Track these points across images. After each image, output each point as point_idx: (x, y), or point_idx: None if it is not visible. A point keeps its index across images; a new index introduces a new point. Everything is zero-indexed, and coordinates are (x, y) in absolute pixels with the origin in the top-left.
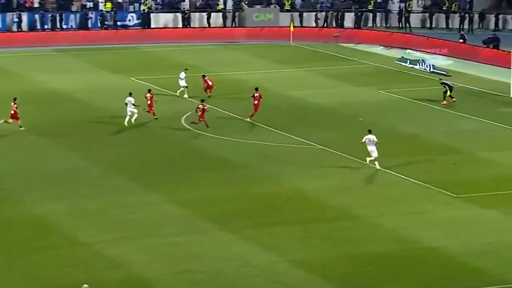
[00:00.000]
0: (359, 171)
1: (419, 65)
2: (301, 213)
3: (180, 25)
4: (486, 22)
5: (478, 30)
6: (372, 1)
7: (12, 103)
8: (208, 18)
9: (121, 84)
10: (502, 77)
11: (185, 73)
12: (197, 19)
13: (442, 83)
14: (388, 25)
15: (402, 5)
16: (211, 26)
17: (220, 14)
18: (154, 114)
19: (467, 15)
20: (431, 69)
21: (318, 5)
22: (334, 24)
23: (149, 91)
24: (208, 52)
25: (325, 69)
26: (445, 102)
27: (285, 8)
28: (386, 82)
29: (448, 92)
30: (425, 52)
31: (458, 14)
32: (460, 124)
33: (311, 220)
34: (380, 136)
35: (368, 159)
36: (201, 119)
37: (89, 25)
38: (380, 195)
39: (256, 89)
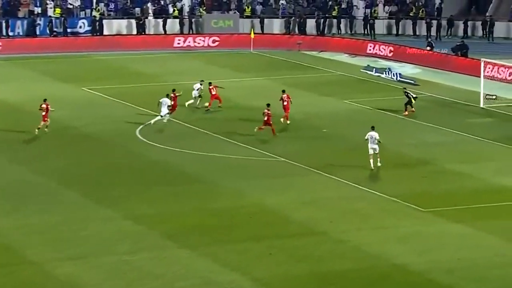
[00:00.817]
0: (324, 184)
1: (386, 73)
2: (264, 228)
3: (135, 31)
4: (455, 28)
5: (446, 37)
6: (336, 7)
7: (44, 104)
8: (164, 24)
9: (72, 94)
10: (472, 86)
11: (200, 84)
12: (152, 25)
13: (405, 92)
14: (353, 32)
15: (368, 11)
16: (167, 33)
17: (177, 20)
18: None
19: (434, 21)
20: (398, 78)
21: (280, 11)
22: (296, 31)
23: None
24: (164, 60)
25: (288, 78)
26: (406, 113)
27: (245, 14)
28: (351, 92)
29: (409, 100)
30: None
31: (425, 21)
32: (428, 135)
33: (274, 236)
34: (346, 148)
35: (374, 163)
36: (267, 124)
37: (37, 32)
38: (345, 210)
39: (283, 91)
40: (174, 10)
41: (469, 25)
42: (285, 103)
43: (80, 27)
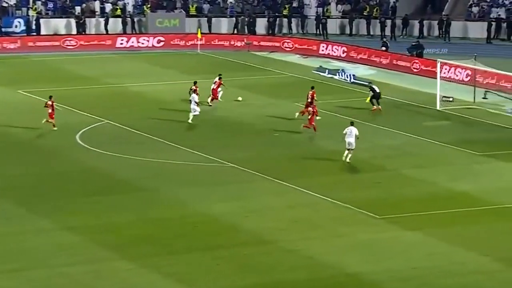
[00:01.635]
0: (274, 191)
1: (339, 75)
2: (210, 238)
3: (74, 31)
4: (410, 28)
5: (401, 37)
6: (287, 6)
7: (50, 101)
8: (106, 24)
9: (7, 98)
10: (428, 87)
11: (219, 79)
12: (93, 25)
13: (371, 87)
14: (304, 31)
15: (320, 10)
16: (109, 32)
17: (119, 19)
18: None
19: (389, 21)
20: (352, 80)
21: (228, 10)
22: (245, 31)
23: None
24: (105, 61)
25: (237, 80)
26: (374, 107)
27: (192, 13)
28: (303, 94)
29: (368, 98)
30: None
31: (379, 20)
32: (383, 139)
33: (221, 246)
34: (297, 153)
35: (346, 158)
36: (312, 123)
37: None
38: (296, 217)
39: (312, 88)
40: (116, 9)
41: (425, 25)
42: (309, 100)
43: (16, 26)
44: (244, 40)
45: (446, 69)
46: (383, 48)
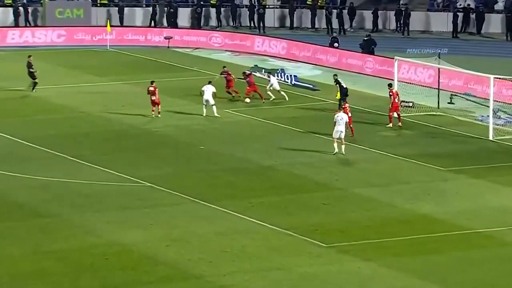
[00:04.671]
0: (200, 215)
1: (278, 76)
2: (122, 273)
3: None
4: (361, 20)
5: (351, 30)
6: None
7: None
8: None
9: None
10: (383, 90)
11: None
12: None
13: (336, 80)
14: (236, 24)
15: None
16: None
17: (10, 9)
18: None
19: (335, 11)
20: (293, 82)
21: None
22: (165, 23)
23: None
24: None
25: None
26: (346, 105)
27: (100, 2)
28: (232, 98)
29: (338, 95)
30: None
31: (326, 11)
32: (330, 151)
33: (137, 282)
34: (229, 168)
35: (340, 150)
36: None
37: None
38: (226, 247)
39: (390, 85)
40: None
41: (380, 16)
42: (395, 99)
43: None
44: (163, 34)
45: (404, 68)
46: (336, 45)
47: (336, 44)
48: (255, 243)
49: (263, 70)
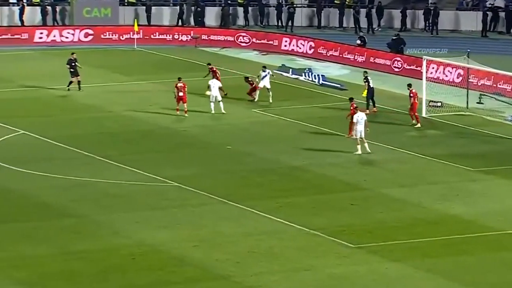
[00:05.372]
0: (227, 215)
1: (305, 75)
2: (150, 273)
3: None
4: (390, 19)
5: (379, 29)
6: None
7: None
8: (21, 13)
9: None
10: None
11: (264, 71)
12: (5, 15)
13: (366, 78)
14: (264, 23)
15: None
16: (26, 24)
17: (38, 8)
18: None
19: (364, 10)
20: (321, 81)
21: None
22: (192, 23)
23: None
24: (21, 59)
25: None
26: (367, 111)
27: (127, 1)
28: (262, 98)
29: (365, 92)
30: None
31: (353, 10)
32: (358, 152)
33: (164, 283)
34: (257, 169)
35: (365, 149)
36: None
37: None
38: (253, 248)
39: (410, 85)
40: None
41: (408, 15)
42: (414, 99)
43: None
44: (190, 33)
45: (433, 68)
46: (358, 42)
47: (358, 42)
48: (283, 243)
49: (291, 70)
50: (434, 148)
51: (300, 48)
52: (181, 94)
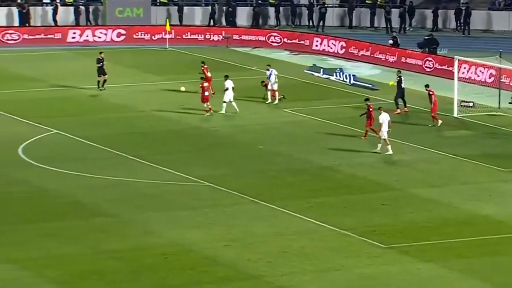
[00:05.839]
0: (258, 215)
1: (336, 75)
2: (182, 273)
3: (16, 23)
4: (422, 19)
5: (410, 29)
6: None
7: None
8: (54, 13)
9: None
10: (443, 90)
11: (268, 70)
12: (39, 15)
13: (399, 78)
14: (295, 23)
15: None
16: (59, 24)
17: (71, 8)
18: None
19: (396, 10)
20: (352, 81)
21: None
22: (224, 23)
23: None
24: (54, 59)
25: (214, 82)
26: (406, 109)
27: (160, 1)
28: (293, 98)
29: (392, 82)
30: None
31: (384, 9)
32: (389, 152)
33: (196, 282)
34: (288, 168)
35: (381, 150)
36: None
37: None
38: (285, 248)
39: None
40: None
41: (440, 15)
42: (433, 97)
43: None
44: (222, 33)
45: (465, 68)
46: (391, 42)
47: (390, 42)
48: (314, 243)
49: (322, 70)
50: (465, 148)
51: (331, 48)
52: (206, 93)
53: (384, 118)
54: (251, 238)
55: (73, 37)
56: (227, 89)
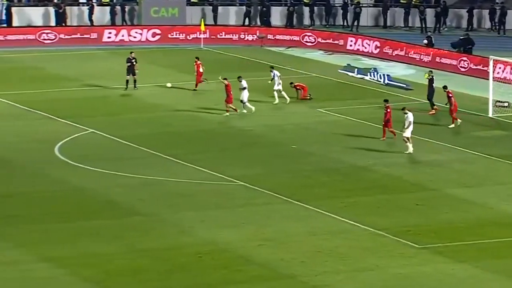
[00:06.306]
0: (292, 215)
1: (370, 75)
2: (215, 272)
3: (53, 22)
4: (458, 19)
5: (445, 29)
6: None
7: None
8: (91, 13)
9: None
10: (478, 90)
11: (271, 72)
12: (75, 14)
13: (431, 77)
14: (329, 23)
15: None
16: (95, 24)
17: (107, 8)
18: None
19: (431, 10)
20: (386, 81)
21: None
22: (258, 22)
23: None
24: (90, 58)
25: (247, 81)
26: (433, 111)
27: (194, 0)
28: (327, 98)
29: (427, 75)
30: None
31: (419, 9)
32: (424, 152)
33: (229, 282)
34: (322, 168)
35: (410, 149)
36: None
37: None
38: (319, 247)
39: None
40: None
41: (475, 15)
42: (452, 98)
43: None
44: (256, 33)
45: (500, 68)
46: (425, 42)
47: (425, 41)
48: (348, 243)
49: (356, 70)
50: (500, 149)
51: (365, 47)
52: (231, 95)
53: (408, 117)
54: (285, 237)
55: (109, 37)
56: (244, 88)
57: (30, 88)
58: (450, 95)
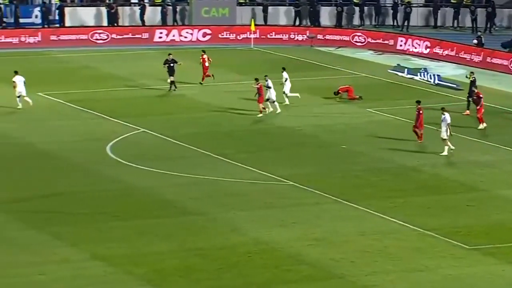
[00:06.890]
0: (341, 215)
1: (420, 75)
2: (265, 271)
3: (105, 23)
4: (509, 19)
5: (496, 29)
6: None
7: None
8: (142, 14)
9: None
10: None
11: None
12: (127, 15)
13: (473, 79)
14: (379, 23)
15: None
16: (146, 24)
17: (158, 8)
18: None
19: (482, 10)
20: (436, 81)
21: None
22: (308, 22)
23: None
24: (141, 58)
25: (297, 81)
26: (468, 111)
27: (244, 1)
28: (377, 98)
29: (471, 75)
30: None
31: (469, 9)
32: (475, 153)
33: (279, 281)
34: (371, 168)
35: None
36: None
37: None
38: (368, 247)
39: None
40: None
41: None
42: (481, 101)
43: (36, 16)
44: (306, 33)
45: None
46: (475, 42)
47: (475, 41)
48: (397, 243)
49: (406, 70)
50: None
51: (415, 47)
52: (262, 95)
53: (446, 118)
54: (335, 237)
55: (160, 37)
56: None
57: (82, 88)
58: (481, 96)
